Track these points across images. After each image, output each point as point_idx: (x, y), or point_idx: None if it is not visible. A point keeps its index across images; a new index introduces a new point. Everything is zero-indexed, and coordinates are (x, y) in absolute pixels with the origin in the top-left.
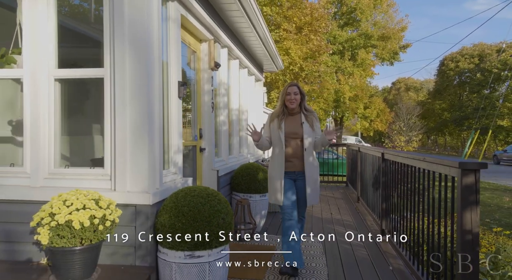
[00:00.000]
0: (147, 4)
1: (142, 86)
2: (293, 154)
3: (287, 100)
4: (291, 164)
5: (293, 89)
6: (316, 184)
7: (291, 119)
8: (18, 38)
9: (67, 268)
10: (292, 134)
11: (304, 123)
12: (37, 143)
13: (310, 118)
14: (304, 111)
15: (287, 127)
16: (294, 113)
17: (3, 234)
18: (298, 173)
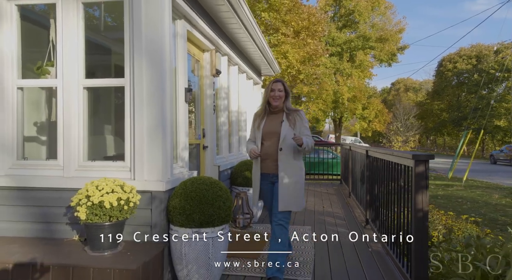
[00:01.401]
0: (161, 23)
1: (156, 93)
2: (268, 155)
3: (270, 96)
4: (267, 165)
5: (277, 86)
6: (293, 187)
7: (272, 118)
8: (50, 52)
9: (99, 240)
10: (269, 134)
11: (283, 122)
12: (68, 140)
13: (292, 116)
14: (286, 110)
15: (266, 126)
16: (277, 111)
17: (42, 216)
18: (273, 176)
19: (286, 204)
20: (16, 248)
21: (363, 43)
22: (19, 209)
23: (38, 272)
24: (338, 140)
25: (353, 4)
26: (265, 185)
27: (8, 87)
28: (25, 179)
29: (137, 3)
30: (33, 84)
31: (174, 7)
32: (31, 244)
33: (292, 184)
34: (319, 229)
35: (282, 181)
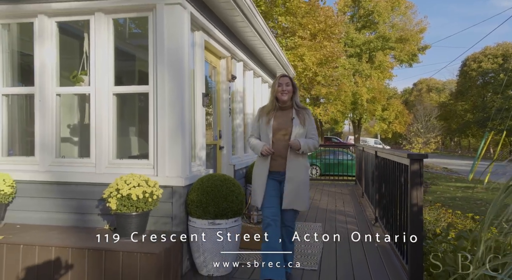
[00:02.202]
0: (181, 36)
1: (176, 98)
2: (279, 152)
3: (278, 91)
4: (276, 163)
5: (285, 80)
6: (300, 186)
7: (281, 114)
8: (84, 62)
9: (127, 228)
10: (280, 130)
11: (294, 119)
12: (100, 141)
13: (302, 114)
14: (296, 107)
15: (276, 123)
16: (285, 107)
17: (77, 208)
18: (283, 174)
19: (290, 201)
20: (55, 235)
21: (382, 43)
22: (57, 201)
23: (75, 254)
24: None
25: (372, 4)
26: (271, 182)
27: (49, 94)
28: (62, 174)
29: (160, 19)
30: (69, 91)
31: (192, 20)
32: (68, 231)
33: (301, 183)
34: (329, 226)
35: (290, 179)
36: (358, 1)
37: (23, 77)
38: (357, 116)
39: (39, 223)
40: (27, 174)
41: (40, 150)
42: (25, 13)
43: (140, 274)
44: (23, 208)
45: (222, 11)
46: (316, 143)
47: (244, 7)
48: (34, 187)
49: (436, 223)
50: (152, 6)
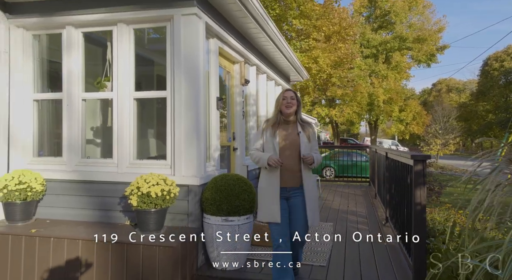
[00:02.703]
0: (196, 44)
1: (192, 103)
2: (287, 167)
3: (282, 104)
4: (285, 178)
5: (289, 94)
6: (316, 201)
7: (286, 128)
8: (107, 69)
9: (147, 223)
10: (287, 145)
11: (301, 133)
12: (122, 142)
13: (307, 129)
14: (300, 121)
15: (282, 136)
16: (290, 121)
17: (101, 204)
18: (291, 190)
19: (312, 219)
20: (82, 229)
21: (399, 44)
22: (83, 198)
23: (100, 247)
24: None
25: (389, 4)
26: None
27: (75, 99)
28: (87, 174)
29: (177, 28)
30: (94, 96)
31: (207, 28)
32: (93, 226)
33: (315, 199)
34: (340, 226)
35: (309, 196)
36: (374, 2)
37: (52, 83)
38: (373, 117)
39: (67, 218)
40: (56, 173)
41: (67, 151)
42: (54, 25)
43: (159, 265)
44: (52, 205)
45: (236, 19)
46: (320, 158)
47: (257, 15)
48: (62, 185)
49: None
50: (169, 17)
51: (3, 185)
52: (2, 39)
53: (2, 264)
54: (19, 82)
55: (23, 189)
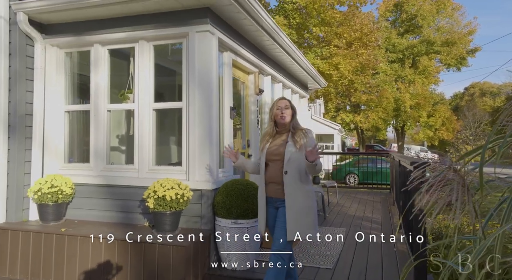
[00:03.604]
0: (209, 58)
1: (205, 113)
2: (273, 178)
3: (276, 115)
4: (270, 188)
5: (282, 103)
6: (304, 213)
7: (277, 139)
8: (130, 82)
9: (162, 224)
10: (273, 155)
11: (288, 143)
12: (142, 149)
13: (298, 136)
14: (292, 129)
15: (270, 148)
16: (282, 131)
17: (123, 207)
18: (277, 200)
19: (292, 231)
20: (105, 229)
21: (427, 48)
22: (107, 201)
23: (121, 245)
24: (400, 150)
25: (416, 8)
26: (270, 210)
27: (101, 110)
28: (111, 178)
29: (192, 44)
30: (118, 107)
31: (220, 43)
32: (115, 227)
33: (301, 210)
34: (353, 231)
35: (290, 207)
36: (400, 6)
37: (81, 95)
38: (400, 123)
39: (92, 219)
40: (83, 178)
41: (93, 158)
42: (84, 43)
43: (172, 263)
44: (80, 207)
45: (249, 33)
46: (321, 165)
47: (270, 30)
48: (89, 189)
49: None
50: (185, 34)
51: (37, 188)
52: (39, 56)
53: (36, 258)
54: (53, 95)
55: (54, 192)
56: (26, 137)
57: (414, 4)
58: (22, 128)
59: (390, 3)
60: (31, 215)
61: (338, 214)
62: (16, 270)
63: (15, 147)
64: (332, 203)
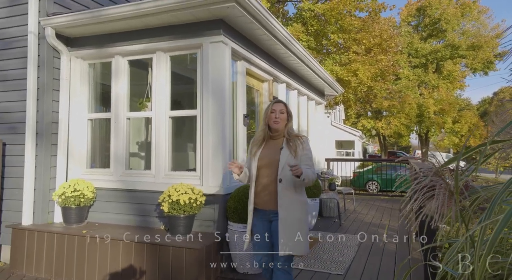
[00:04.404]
0: (222, 68)
1: (218, 120)
2: (265, 188)
3: (270, 118)
4: (262, 200)
5: (278, 106)
6: (295, 227)
7: (271, 145)
8: (148, 91)
9: (176, 227)
10: (266, 163)
11: (283, 149)
12: (158, 155)
13: (293, 143)
14: (287, 135)
15: (262, 154)
16: (277, 137)
17: (140, 210)
18: (271, 213)
19: (290, 246)
20: (123, 231)
21: (451, 52)
22: (125, 205)
23: (137, 247)
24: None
25: (440, 12)
26: (260, 223)
27: (121, 118)
28: (130, 183)
29: (206, 54)
30: (136, 115)
31: (234, 52)
32: (133, 229)
33: (295, 223)
34: (368, 238)
35: (284, 221)
36: (423, 10)
37: (103, 104)
38: (423, 129)
39: (112, 222)
40: (104, 182)
41: (114, 163)
42: (106, 55)
43: (185, 265)
44: (100, 210)
45: (263, 42)
46: (313, 175)
47: (283, 39)
48: (109, 193)
49: None
50: (199, 45)
51: (61, 192)
52: (65, 68)
53: (59, 258)
54: (77, 104)
55: (77, 196)
56: (52, 143)
57: (437, 8)
58: (49, 135)
59: (412, 8)
60: (55, 218)
61: (354, 221)
62: (41, 269)
63: (42, 153)
64: (348, 210)
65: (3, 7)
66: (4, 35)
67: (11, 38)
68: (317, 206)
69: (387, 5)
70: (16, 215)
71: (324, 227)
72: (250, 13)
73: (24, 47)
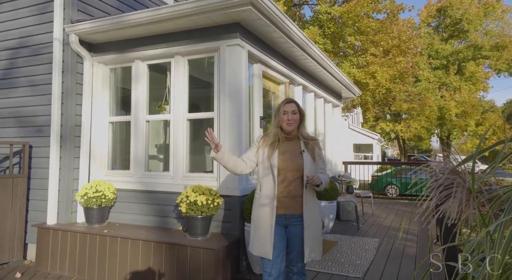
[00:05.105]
0: (239, 70)
1: (235, 122)
2: (287, 192)
3: (283, 120)
4: (283, 205)
5: (290, 107)
6: (318, 231)
7: (287, 147)
8: (166, 95)
9: (194, 228)
10: (288, 166)
11: (304, 152)
12: (177, 157)
13: (311, 146)
14: (303, 138)
15: (282, 157)
16: (291, 138)
17: (159, 211)
18: (291, 217)
19: (311, 252)
20: (142, 231)
21: (474, 53)
22: (144, 206)
23: (156, 247)
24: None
25: (461, 12)
26: (277, 230)
27: (141, 121)
28: (149, 184)
29: (223, 57)
30: (155, 118)
31: (250, 55)
32: (152, 230)
33: (316, 229)
34: (386, 242)
35: (310, 226)
36: (443, 10)
37: (123, 107)
38: (445, 132)
39: (131, 222)
40: (124, 184)
41: (133, 165)
42: (126, 60)
43: (203, 266)
44: (120, 211)
45: (280, 45)
46: (328, 179)
47: (299, 42)
48: (129, 194)
49: None
50: (216, 48)
51: (84, 193)
52: (87, 73)
53: (82, 257)
54: (99, 107)
55: (98, 196)
56: (75, 146)
57: (459, 8)
58: (72, 138)
59: (432, 8)
60: (78, 218)
61: (373, 225)
62: (65, 267)
63: (66, 155)
64: (367, 214)
65: (32, 15)
66: (32, 42)
67: (38, 45)
68: (334, 209)
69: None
70: (41, 215)
71: (342, 230)
72: (266, 16)
73: (50, 53)
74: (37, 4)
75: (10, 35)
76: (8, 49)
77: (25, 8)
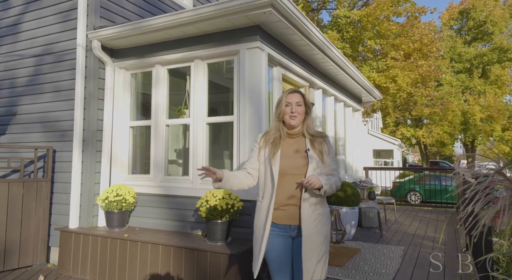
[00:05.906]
0: (259, 74)
1: (255, 126)
2: (289, 198)
3: (285, 113)
4: (285, 213)
5: (294, 98)
6: (322, 246)
7: (291, 145)
8: (186, 99)
9: (214, 233)
10: (290, 168)
11: (309, 151)
12: (196, 161)
13: (318, 143)
14: (308, 134)
15: (284, 157)
16: (295, 135)
17: (178, 216)
18: (295, 228)
19: (309, 272)
20: (162, 236)
21: (499, 55)
22: (164, 210)
23: (176, 251)
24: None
25: (485, 14)
26: (278, 240)
27: (161, 125)
28: (169, 189)
29: (242, 60)
30: (175, 122)
31: (270, 58)
32: (171, 234)
33: (324, 241)
34: (412, 250)
35: (308, 237)
36: (466, 13)
37: (143, 112)
38: (469, 138)
39: (151, 227)
40: (144, 188)
41: (153, 169)
42: (147, 65)
43: (222, 270)
44: (141, 215)
45: (299, 48)
46: (339, 181)
47: (320, 44)
48: (149, 198)
49: None
50: (236, 51)
51: (105, 197)
52: (109, 78)
53: (102, 261)
54: (120, 112)
55: (119, 200)
56: (97, 150)
57: (482, 10)
58: (94, 142)
59: (454, 11)
60: (99, 221)
61: (396, 232)
62: (86, 270)
63: (88, 160)
64: (390, 221)
65: (56, 23)
66: (56, 48)
67: (62, 51)
68: (356, 216)
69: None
70: (64, 218)
71: (364, 238)
72: (287, 18)
73: (73, 59)
74: (61, 12)
75: (36, 42)
76: (34, 56)
77: (49, 16)
